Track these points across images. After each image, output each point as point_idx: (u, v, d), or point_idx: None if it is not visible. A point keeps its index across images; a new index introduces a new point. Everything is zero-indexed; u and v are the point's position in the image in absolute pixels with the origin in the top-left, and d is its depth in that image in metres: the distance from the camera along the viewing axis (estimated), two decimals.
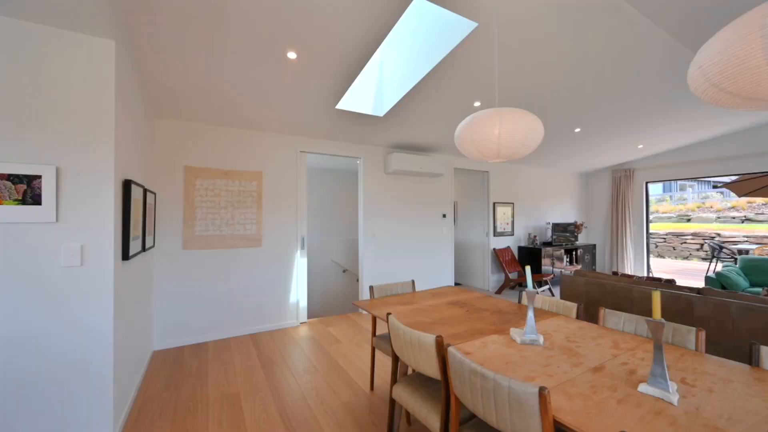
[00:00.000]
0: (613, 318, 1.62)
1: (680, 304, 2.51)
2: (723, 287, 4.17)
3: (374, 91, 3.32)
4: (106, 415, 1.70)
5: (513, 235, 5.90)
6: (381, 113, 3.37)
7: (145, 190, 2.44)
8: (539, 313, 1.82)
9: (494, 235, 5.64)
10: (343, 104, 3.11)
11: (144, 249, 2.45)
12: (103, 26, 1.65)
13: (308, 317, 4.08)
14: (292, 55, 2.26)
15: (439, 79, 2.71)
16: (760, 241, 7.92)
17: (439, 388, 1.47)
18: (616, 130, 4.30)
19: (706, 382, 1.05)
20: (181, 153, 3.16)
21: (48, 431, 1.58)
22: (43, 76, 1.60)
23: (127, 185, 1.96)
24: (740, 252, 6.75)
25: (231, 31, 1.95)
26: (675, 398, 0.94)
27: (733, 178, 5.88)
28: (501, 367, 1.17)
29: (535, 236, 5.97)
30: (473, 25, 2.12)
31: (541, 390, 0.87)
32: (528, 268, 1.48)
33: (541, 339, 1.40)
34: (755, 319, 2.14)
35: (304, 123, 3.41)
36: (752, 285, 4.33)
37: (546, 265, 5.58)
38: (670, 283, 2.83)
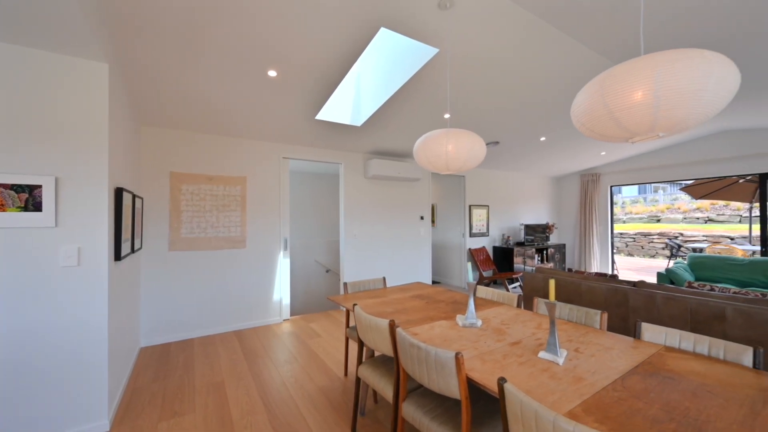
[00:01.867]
0: (543, 305, 1.92)
1: (618, 295, 2.85)
2: (671, 282, 4.60)
3: (352, 102, 3.57)
4: (101, 403, 1.89)
5: (488, 235, 6.24)
6: (359, 123, 3.63)
7: (134, 196, 2.63)
8: (486, 303, 2.12)
9: (470, 236, 5.97)
10: (323, 115, 3.36)
11: (133, 251, 2.63)
12: (98, 52, 1.85)
13: (291, 315, 4.29)
14: (272, 73, 2.49)
15: (411, 93, 2.99)
16: (716, 240, 8.56)
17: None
18: (578, 138, 4.69)
19: (593, 350, 1.34)
20: (167, 159, 3.33)
21: (49, 417, 1.77)
22: (44, 96, 1.80)
23: (118, 192, 2.15)
24: (694, 250, 7.30)
25: (215, 51, 2.17)
26: (561, 360, 1.23)
27: (691, 182, 6.40)
28: (440, 344, 1.44)
29: (508, 237, 6.33)
30: (435, 50, 2.41)
31: (457, 355, 1.14)
32: (469, 265, 1.76)
33: (480, 323, 1.68)
34: (674, 306, 2.50)
35: (286, 131, 3.64)
36: (697, 279, 4.78)
37: (518, 263, 5.95)
38: (614, 278, 3.18)
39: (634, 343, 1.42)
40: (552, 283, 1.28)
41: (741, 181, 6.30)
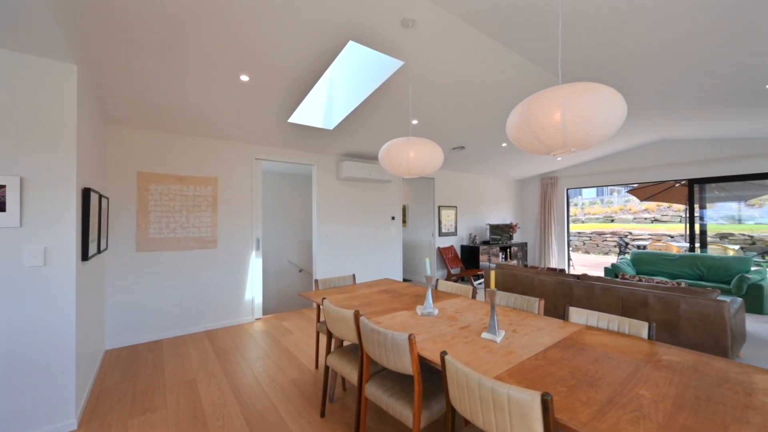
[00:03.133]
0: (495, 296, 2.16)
1: (565, 287, 3.19)
2: (616, 275, 5.10)
3: (324, 106, 3.69)
4: (68, 402, 1.90)
5: (456, 235, 6.56)
6: (331, 127, 3.76)
7: (100, 196, 2.61)
8: (445, 295, 2.33)
9: (439, 235, 6.25)
10: (296, 118, 3.45)
11: (99, 251, 2.60)
12: (67, 53, 1.87)
13: (264, 314, 4.33)
14: (244, 78, 2.57)
15: (381, 99, 3.16)
16: (658, 238, 9.48)
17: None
18: None
19: (528, 330, 1.58)
20: (134, 159, 3.29)
21: (14, 417, 1.76)
22: (10, 96, 1.79)
23: (86, 193, 2.16)
24: (639, 248, 8.06)
25: (187, 56, 2.23)
26: (499, 338, 1.44)
27: (636, 185, 7.04)
28: (399, 330, 1.62)
29: (475, 236, 6.68)
30: (401, 62, 2.59)
31: (410, 336, 1.32)
32: (428, 260, 1.95)
33: (436, 311, 1.88)
34: (609, 295, 2.84)
35: (258, 133, 3.69)
36: (638, 273, 5.32)
37: (483, 261, 6.30)
38: (562, 272, 3.53)
39: (562, 324, 1.67)
40: (492, 273, 1.49)
41: (677, 185, 7.04)
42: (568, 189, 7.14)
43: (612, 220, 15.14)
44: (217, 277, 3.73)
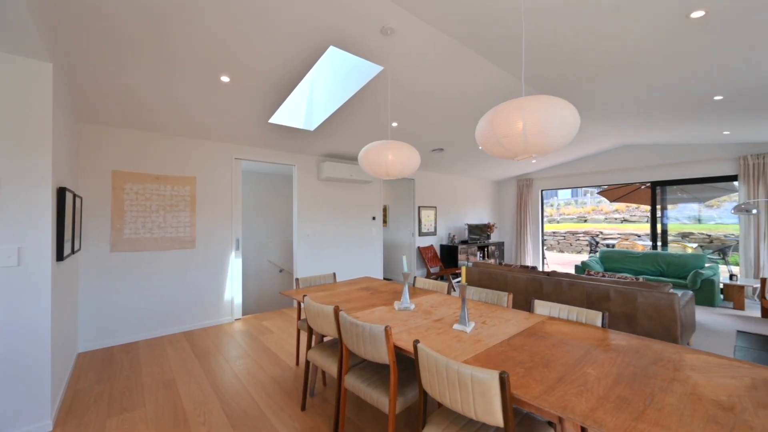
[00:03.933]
0: (467, 291, 2.28)
1: (536, 283, 3.37)
2: (585, 272, 5.39)
3: (305, 107, 3.73)
4: (43, 404, 1.87)
5: (436, 234, 6.72)
6: (312, 128, 3.80)
7: (74, 195, 2.55)
8: (421, 292, 2.44)
9: (419, 235, 6.39)
10: (276, 119, 3.48)
11: (73, 252, 2.55)
12: (44, 51, 1.84)
13: (243, 314, 4.31)
14: (225, 78, 2.59)
15: (361, 102, 3.24)
16: (626, 237, 10.06)
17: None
18: None
19: (496, 321, 1.70)
20: (108, 158, 3.22)
21: None
22: None
23: (61, 192, 2.12)
24: (608, 246, 8.51)
25: (166, 55, 2.23)
26: (469, 329, 1.56)
27: (606, 187, 7.43)
28: (377, 323, 1.70)
29: (454, 236, 6.87)
30: (380, 67, 2.69)
31: (386, 328, 1.41)
32: (405, 257, 2.05)
33: (413, 306, 1.98)
34: (576, 290, 3.04)
35: (238, 133, 3.69)
36: (606, 269, 5.65)
37: (462, 260, 6.49)
38: (533, 269, 3.73)
39: (527, 315, 1.81)
40: (464, 269, 1.61)
41: (642, 187, 7.49)
42: (542, 190, 7.46)
43: (585, 220, 15.84)
44: (195, 277, 3.69)
